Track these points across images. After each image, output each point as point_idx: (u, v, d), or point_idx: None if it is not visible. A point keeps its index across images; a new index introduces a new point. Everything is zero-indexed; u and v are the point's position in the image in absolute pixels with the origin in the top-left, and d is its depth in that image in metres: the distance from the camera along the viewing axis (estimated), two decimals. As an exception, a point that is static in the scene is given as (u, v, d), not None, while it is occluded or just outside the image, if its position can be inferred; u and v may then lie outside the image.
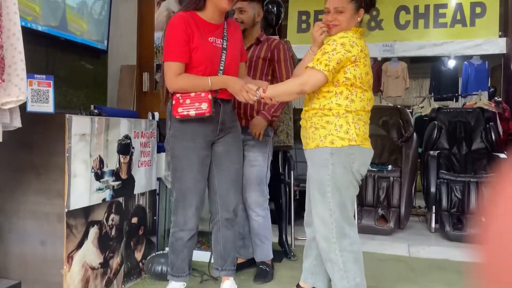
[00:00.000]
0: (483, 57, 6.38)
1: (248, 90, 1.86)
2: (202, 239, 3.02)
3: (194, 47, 1.96)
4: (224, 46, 2.02)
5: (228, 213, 2.13)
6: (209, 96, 1.92)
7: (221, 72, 2.02)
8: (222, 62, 1.99)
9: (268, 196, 2.62)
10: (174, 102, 1.97)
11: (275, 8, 3.14)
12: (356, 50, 1.78)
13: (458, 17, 6.12)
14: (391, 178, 3.84)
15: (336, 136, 1.81)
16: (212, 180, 2.13)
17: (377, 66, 6.85)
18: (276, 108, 2.49)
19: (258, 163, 2.51)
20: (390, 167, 4.00)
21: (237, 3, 2.46)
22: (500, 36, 5.80)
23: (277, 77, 2.57)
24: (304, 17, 6.50)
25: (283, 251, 3.07)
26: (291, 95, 1.93)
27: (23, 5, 2.71)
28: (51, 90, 2.16)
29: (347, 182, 1.84)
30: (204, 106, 1.92)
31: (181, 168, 2.02)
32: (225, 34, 2.05)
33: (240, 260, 2.69)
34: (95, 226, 2.23)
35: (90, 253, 2.19)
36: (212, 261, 2.46)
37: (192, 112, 1.93)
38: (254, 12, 2.52)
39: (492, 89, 6.34)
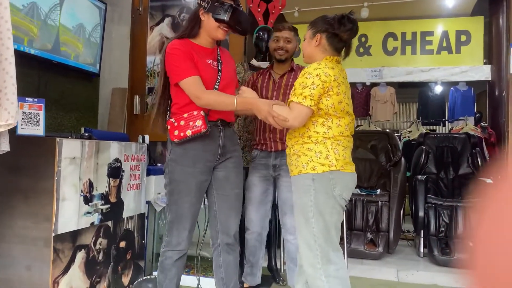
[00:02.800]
0: (469, 83, 6.54)
1: (276, 116, 1.85)
2: (191, 263, 2.99)
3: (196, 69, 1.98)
4: (219, 68, 2.06)
5: (228, 238, 2.12)
6: (202, 113, 1.94)
7: None
8: (217, 83, 2.02)
9: None
10: (169, 127, 1.98)
11: (265, 35, 3.24)
12: (329, 80, 1.84)
13: (444, 44, 6.31)
14: (380, 202, 3.86)
15: (317, 162, 1.85)
16: (213, 204, 2.12)
17: (366, 90, 6.97)
18: None
19: None
20: (378, 191, 4.03)
21: (284, 32, 2.59)
22: (485, 63, 5.96)
23: None
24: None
25: (272, 276, 3.06)
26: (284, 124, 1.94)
27: (22, 26, 2.74)
28: (42, 113, 2.16)
29: (329, 208, 1.87)
30: (199, 123, 1.93)
31: (178, 192, 2.02)
32: (219, 57, 2.09)
33: (246, 285, 2.75)
34: (83, 251, 2.21)
35: (76, 278, 2.16)
36: (201, 286, 2.44)
37: (189, 132, 1.93)
38: (296, 43, 2.65)
39: (478, 115, 6.46)
